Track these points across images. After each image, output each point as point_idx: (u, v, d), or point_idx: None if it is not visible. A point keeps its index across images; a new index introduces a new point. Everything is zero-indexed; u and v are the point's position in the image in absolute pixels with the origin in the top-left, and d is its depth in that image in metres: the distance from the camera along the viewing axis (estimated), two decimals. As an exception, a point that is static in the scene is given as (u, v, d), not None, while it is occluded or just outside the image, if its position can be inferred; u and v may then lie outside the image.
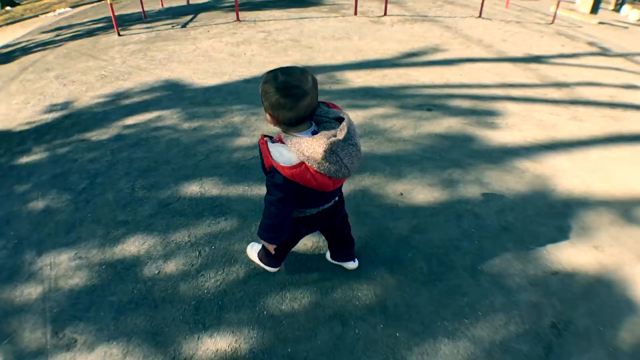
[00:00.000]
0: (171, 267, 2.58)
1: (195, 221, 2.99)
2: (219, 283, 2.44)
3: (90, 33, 9.33)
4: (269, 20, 8.69)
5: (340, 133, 1.43)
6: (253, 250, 2.52)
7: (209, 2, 11.33)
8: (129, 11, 10.86)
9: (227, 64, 6.08)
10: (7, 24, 15.26)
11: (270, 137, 1.55)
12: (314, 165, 1.42)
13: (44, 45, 9.08)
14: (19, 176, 3.85)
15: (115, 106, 4.99)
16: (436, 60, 6.10)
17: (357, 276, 2.47)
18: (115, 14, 8.58)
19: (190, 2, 11.29)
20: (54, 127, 4.68)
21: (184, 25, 8.74)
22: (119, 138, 4.20)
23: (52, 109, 5.21)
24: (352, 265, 2.41)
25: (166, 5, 11.19)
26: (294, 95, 1.37)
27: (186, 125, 4.36)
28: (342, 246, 2.30)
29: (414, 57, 6.23)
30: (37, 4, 19.00)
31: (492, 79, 5.41)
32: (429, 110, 4.47)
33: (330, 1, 10.69)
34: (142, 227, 2.98)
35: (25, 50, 8.95)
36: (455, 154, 3.68)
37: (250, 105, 4.68)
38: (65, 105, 5.24)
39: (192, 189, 3.33)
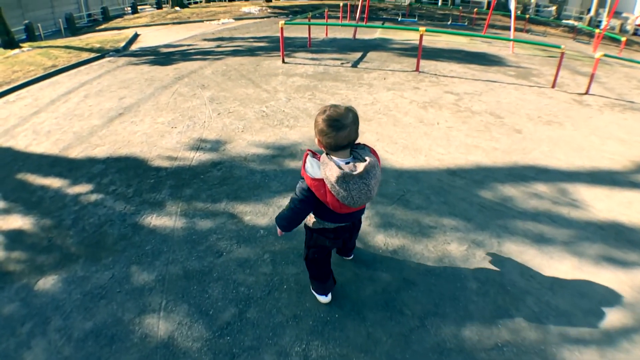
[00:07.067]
0: None
1: None
2: None
3: (251, 52, 8.69)
4: (452, 76, 7.23)
5: (357, 171, 1.73)
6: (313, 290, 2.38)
7: (375, 39, 10.27)
8: (292, 34, 10.22)
9: (419, 135, 4.61)
10: (174, 24, 15.90)
11: (314, 153, 1.88)
12: (328, 185, 1.77)
13: (203, 54, 8.62)
14: (141, 249, 2.73)
15: (278, 167, 3.77)
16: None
17: None
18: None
19: (356, 37, 10.33)
20: (198, 177, 3.60)
21: (355, 65, 7.62)
22: (282, 231, 2.90)
23: (200, 145, 4.21)
24: (347, 258, 2.63)
25: (330, 35, 10.37)
26: (335, 127, 1.71)
27: (381, 240, 2.84)
28: (346, 250, 2.58)
29: (654, 175, 4.21)
30: (204, 9, 19.97)
31: None
32: None
33: (512, 62, 9.04)
34: None
35: (185, 56, 8.55)
36: None
37: (468, 221, 3.09)
38: (216, 145, 4.20)
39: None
